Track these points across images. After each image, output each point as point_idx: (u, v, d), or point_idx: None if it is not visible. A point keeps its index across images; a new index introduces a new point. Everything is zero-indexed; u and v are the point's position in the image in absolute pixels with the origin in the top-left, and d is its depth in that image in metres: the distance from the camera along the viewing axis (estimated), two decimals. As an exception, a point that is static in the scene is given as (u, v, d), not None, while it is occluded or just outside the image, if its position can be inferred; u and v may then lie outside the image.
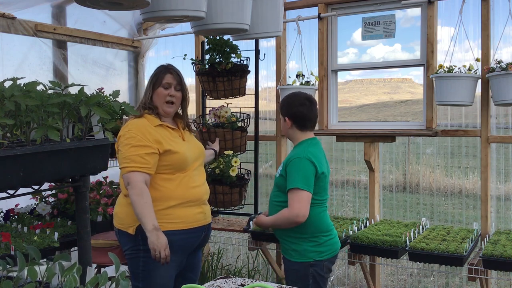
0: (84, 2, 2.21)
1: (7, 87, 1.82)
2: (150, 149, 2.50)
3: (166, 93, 2.64)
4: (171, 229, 2.53)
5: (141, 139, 2.50)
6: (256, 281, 2.32)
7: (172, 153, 2.55)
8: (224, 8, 2.65)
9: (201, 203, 2.66)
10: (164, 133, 2.61)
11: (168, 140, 2.58)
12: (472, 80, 3.40)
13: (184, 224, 2.58)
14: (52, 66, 4.20)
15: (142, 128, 2.54)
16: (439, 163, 5.47)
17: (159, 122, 2.62)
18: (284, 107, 2.88)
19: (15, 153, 1.82)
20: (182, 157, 2.58)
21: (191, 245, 2.67)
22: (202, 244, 2.79)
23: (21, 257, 1.59)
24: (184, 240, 2.60)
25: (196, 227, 2.64)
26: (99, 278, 1.56)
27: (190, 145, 2.71)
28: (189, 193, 2.59)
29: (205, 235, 2.75)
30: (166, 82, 2.64)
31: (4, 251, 2.75)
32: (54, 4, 4.19)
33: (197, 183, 2.65)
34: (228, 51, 3.79)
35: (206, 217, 2.71)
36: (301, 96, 2.85)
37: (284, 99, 2.93)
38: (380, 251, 3.30)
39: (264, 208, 5.16)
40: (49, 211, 3.56)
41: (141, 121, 2.59)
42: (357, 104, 21.43)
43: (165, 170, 2.56)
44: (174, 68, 2.71)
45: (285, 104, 2.88)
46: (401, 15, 4.14)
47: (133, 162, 2.46)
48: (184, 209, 2.58)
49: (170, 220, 2.54)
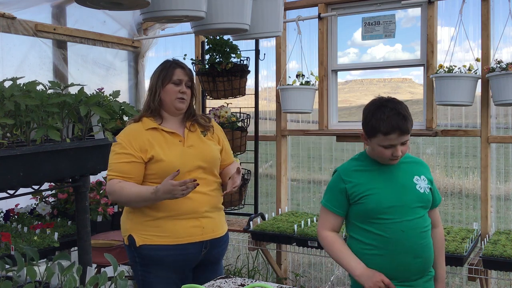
0: (84, 2, 2.20)
1: (7, 87, 1.82)
2: (132, 158, 2.34)
3: (177, 89, 2.42)
4: (159, 243, 2.34)
5: (125, 146, 2.36)
6: (256, 281, 2.32)
7: (156, 161, 2.35)
8: (224, 8, 2.65)
9: (198, 216, 2.38)
10: (156, 137, 2.40)
11: (156, 146, 2.37)
12: (472, 80, 3.40)
13: (173, 239, 2.35)
14: (52, 66, 4.20)
15: (129, 135, 2.39)
16: (439, 163, 5.46)
17: (154, 125, 2.42)
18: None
19: (15, 153, 1.82)
20: (168, 166, 2.34)
21: (186, 263, 2.42)
22: (210, 261, 2.50)
23: (20, 257, 1.59)
24: (175, 256, 2.36)
25: (189, 243, 2.37)
26: (99, 278, 1.56)
27: (191, 150, 2.43)
28: (180, 205, 2.32)
29: (209, 252, 2.45)
30: (178, 78, 2.43)
31: (4, 251, 2.75)
32: (54, 4, 4.19)
33: (193, 194, 2.31)
34: (228, 51, 3.79)
35: (205, 232, 2.40)
36: None
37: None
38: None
39: (264, 208, 5.17)
40: (49, 211, 3.56)
41: (134, 126, 2.44)
42: (357, 104, 21.40)
43: (153, 179, 2.37)
44: (182, 64, 2.50)
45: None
46: (402, 15, 4.15)
47: (113, 171, 2.35)
48: (174, 221, 2.35)
49: (158, 233, 2.34)
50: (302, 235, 3.53)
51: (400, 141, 2.07)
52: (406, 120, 2.06)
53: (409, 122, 2.07)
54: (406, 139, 2.09)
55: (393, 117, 2.04)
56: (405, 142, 2.09)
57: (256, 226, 3.79)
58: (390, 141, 2.05)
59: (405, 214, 2.08)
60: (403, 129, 2.04)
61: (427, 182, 2.17)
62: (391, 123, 2.03)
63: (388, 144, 2.06)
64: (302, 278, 4.66)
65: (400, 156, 2.10)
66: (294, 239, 3.57)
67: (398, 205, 2.08)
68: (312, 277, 4.80)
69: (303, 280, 4.66)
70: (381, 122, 2.04)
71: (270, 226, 3.73)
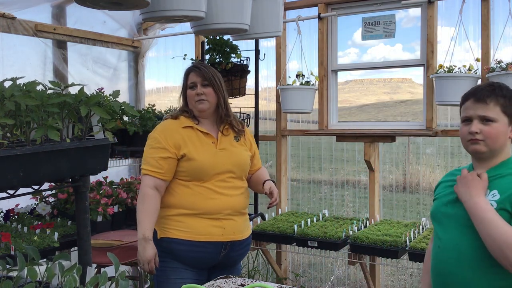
0: (84, 2, 2.21)
1: (7, 87, 1.82)
2: (167, 153, 2.39)
3: (193, 93, 2.47)
4: (178, 237, 2.40)
5: (160, 141, 2.41)
6: (256, 281, 2.32)
7: (188, 159, 2.40)
8: (224, 8, 2.65)
9: (220, 217, 2.42)
10: (190, 135, 2.45)
11: (190, 145, 2.43)
12: (472, 80, 3.40)
13: (191, 235, 2.40)
14: (52, 66, 4.19)
15: (166, 130, 2.45)
16: (439, 163, 5.46)
17: (190, 124, 2.47)
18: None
19: (15, 153, 1.82)
20: (199, 165, 2.40)
21: (203, 261, 2.44)
22: (227, 264, 2.51)
23: (21, 257, 1.59)
24: (192, 252, 2.41)
25: (208, 241, 2.41)
26: (99, 278, 1.56)
27: (223, 153, 2.47)
28: (204, 204, 2.40)
29: (228, 254, 2.47)
30: (191, 82, 2.48)
31: (4, 251, 2.75)
32: (54, 4, 4.18)
33: (217, 196, 2.41)
34: (228, 51, 3.79)
35: (226, 233, 2.43)
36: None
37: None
38: (380, 251, 3.30)
39: (264, 208, 5.16)
40: (49, 211, 3.56)
41: (171, 122, 2.49)
42: (357, 104, 21.39)
43: (182, 176, 2.43)
44: (197, 65, 2.54)
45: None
46: (403, 15, 4.15)
47: (148, 165, 2.41)
48: (196, 219, 2.40)
49: (179, 228, 2.41)
50: (302, 235, 3.53)
51: (477, 113, 1.73)
52: (493, 91, 1.73)
53: (499, 95, 1.72)
54: (487, 114, 1.72)
55: (480, 86, 1.78)
56: (488, 119, 1.72)
57: (256, 226, 3.79)
58: (465, 112, 1.77)
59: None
60: (478, 96, 1.72)
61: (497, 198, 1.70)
62: (471, 89, 1.76)
63: (464, 116, 1.76)
64: (302, 278, 4.66)
65: (477, 138, 1.72)
66: (294, 239, 3.57)
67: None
68: (312, 277, 4.80)
69: (303, 280, 4.66)
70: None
71: (270, 226, 3.73)
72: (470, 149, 1.78)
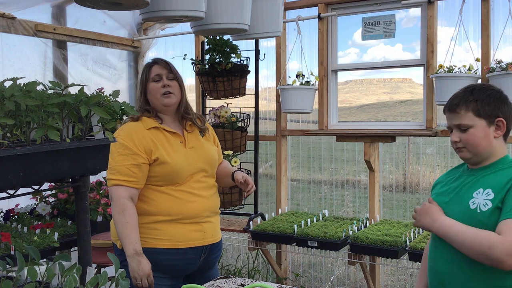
0: (84, 2, 2.21)
1: (7, 87, 1.82)
2: (139, 159, 2.25)
3: (159, 85, 2.33)
4: (157, 246, 2.26)
5: (129, 146, 2.25)
6: (256, 281, 2.32)
7: (160, 163, 2.26)
8: (224, 8, 2.65)
9: (199, 221, 2.32)
10: (159, 137, 2.32)
11: (160, 147, 2.29)
12: (472, 80, 3.40)
13: (172, 243, 2.27)
14: (52, 66, 4.19)
15: (131, 134, 2.29)
16: (439, 163, 5.47)
17: (155, 124, 2.33)
18: (494, 104, 1.76)
19: (15, 153, 1.81)
20: (173, 169, 2.27)
21: (184, 268, 2.33)
22: (204, 268, 2.41)
23: (21, 257, 1.58)
24: (173, 261, 2.28)
25: (189, 247, 2.30)
26: (99, 278, 1.56)
27: (193, 152, 2.37)
28: (181, 209, 2.27)
29: (206, 258, 2.38)
30: (155, 74, 2.34)
31: (4, 251, 2.75)
32: (54, 4, 4.18)
33: (196, 198, 2.31)
34: (228, 51, 3.79)
35: (206, 236, 2.34)
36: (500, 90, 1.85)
37: (489, 92, 1.78)
38: (380, 251, 3.30)
39: (264, 208, 5.17)
40: (49, 211, 3.56)
41: (134, 125, 2.33)
42: (357, 104, 21.43)
43: (154, 182, 2.29)
44: (159, 59, 2.41)
45: (495, 99, 1.77)
46: (403, 15, 4.15)
47: (119, 174, 2.24)
48: (175, 225, 2.27)
49: (157, 236, 2.26)
50: (302, 235, 3.53)
51: (453, 123, 1.78)
52: (463, 97, 1.74)
53: (469, 100, 1.72)
54: (461, 122, 1.74)
55: (456, 93, 1.78)
56: (464, 127, 1.74)
57: (256, 226, 3.79)
58: (447, 121, 1.82)
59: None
60: (450, 106, 1.76)
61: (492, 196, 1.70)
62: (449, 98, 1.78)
63: (447, 126, 1.82)
64: (302, 278, 4.66)
65: (458, 146, 1.78)
66: (294, 239, 3.57)
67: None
68: (312, 277, 4.80)
69: (303, 280, 4.66)
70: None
71: (270, 226, 3.73)
72: (459, 156, 1.84)
